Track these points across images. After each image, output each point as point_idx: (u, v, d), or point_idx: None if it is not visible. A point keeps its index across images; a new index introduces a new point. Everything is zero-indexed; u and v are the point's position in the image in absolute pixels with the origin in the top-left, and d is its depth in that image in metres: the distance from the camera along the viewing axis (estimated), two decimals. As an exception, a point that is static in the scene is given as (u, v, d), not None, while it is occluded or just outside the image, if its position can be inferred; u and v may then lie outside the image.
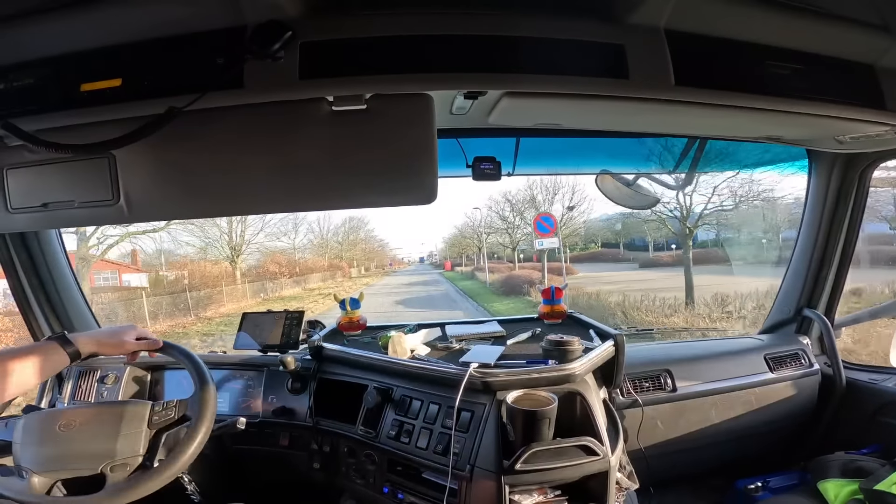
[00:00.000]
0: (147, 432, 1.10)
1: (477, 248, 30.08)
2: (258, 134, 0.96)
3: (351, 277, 29.41)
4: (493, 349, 1.43)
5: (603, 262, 24.86)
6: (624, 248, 26.35)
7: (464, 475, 1.18)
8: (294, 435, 1.51)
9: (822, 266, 1.96)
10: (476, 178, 1.48)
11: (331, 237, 30.09)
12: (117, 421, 1.10)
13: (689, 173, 1.84)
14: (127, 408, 1.13)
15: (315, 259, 28.03)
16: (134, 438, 1.08)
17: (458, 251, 36.75)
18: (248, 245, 20.81)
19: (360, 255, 34.01)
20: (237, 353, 1.67)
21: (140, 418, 1.11)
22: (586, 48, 0.93)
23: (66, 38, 0.89)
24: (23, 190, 1.01)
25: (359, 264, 34.40)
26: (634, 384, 1.71)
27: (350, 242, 31.46)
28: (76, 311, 1.86)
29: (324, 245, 29.31)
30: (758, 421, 1.81)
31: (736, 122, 1.25)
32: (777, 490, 1.68)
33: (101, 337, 1.18)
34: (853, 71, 1.07)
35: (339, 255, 30.50)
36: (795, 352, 1.91)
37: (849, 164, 1.81)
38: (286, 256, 25.05)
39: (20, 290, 1.73)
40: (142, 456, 1.07)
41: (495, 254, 29.36)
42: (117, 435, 1.08)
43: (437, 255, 45.20)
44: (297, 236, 25.95)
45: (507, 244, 25.62)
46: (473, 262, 32.37)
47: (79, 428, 1.09)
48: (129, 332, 1.22)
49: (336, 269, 29.07)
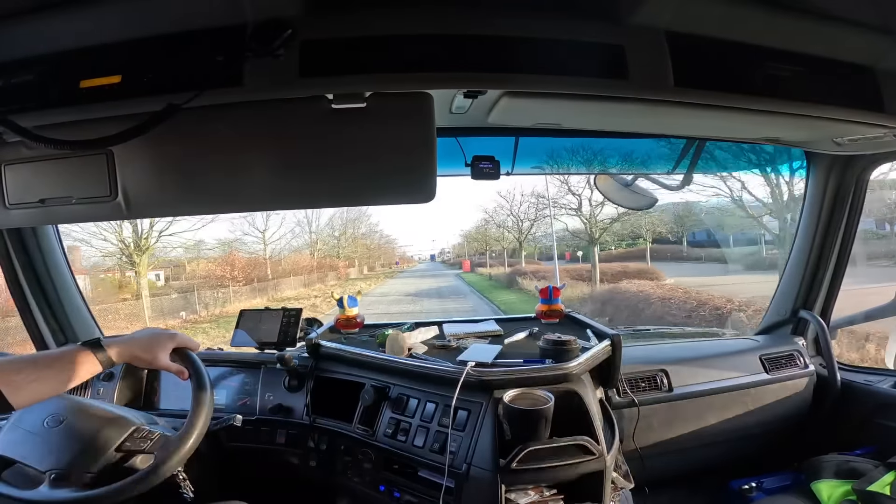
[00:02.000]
0: (111, 454, 1.08)
1: (517, 242, 24.45)
2: (257, 131, 0.96)
3: (349, 279, 25.68)
4: (491, 348, 1.43)
5: (659, 260, 19.47)
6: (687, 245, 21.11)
7: (460, 474, 1.18)
8: (291, 433, 1.51)
9: (818, 267, 1.96)
10: (475, 177, 1.48)
11: (325, 231, 25.70)
12: (92, 433, 1.09)
13: (688, 174, 1.85)
14: (108, 424, 1.12)
15: (297, 258, 23.54)
16: (93, 456, 1.07)
17: (480, 246, 30.67)
18: (157, 239, 14.79)
19: (362, 252, 29.71)
20: (234, 350, 1.67)
21: (113, 439, 1.10)
22: (586, 48, 0.93)
23: (66, 35, 0.88)
24: (20, 186, 1.00)
25: (361, 263, 30.31)
26: (631, 384, 1.71)
27: (349, 237, 27.20)
28: (73, 308, 1.85)
29: (313, 241, 24.81)
30: (753, 421, 1.82)
31: (735, 123, 1.26)
32: (771, 491, 1.69)
33: (136, 348, 1.12)
34: (852, 73, 1.08)
35: (336, 253, 26.45)
36: (791, 353, 1.92)
37: (847, 165, 1.81)
38: (254, 257, 20.46)
39: (17, 287, 1.72)
40: (91, 474, 1.05)
41: (517, 251, 25.27)
42: (81, 446, 1.07)
43: (450, 252, 41.15)
44: (277, 229, 22.14)
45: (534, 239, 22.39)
46: (501, 260, 26.41)
47: (62, 426, 1.10)
48: (167, 345, 1.15)
49: (329, 269, 24.80)
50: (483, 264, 28.85)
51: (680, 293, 10.74)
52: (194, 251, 18.28)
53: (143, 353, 1.13)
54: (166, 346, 1.15)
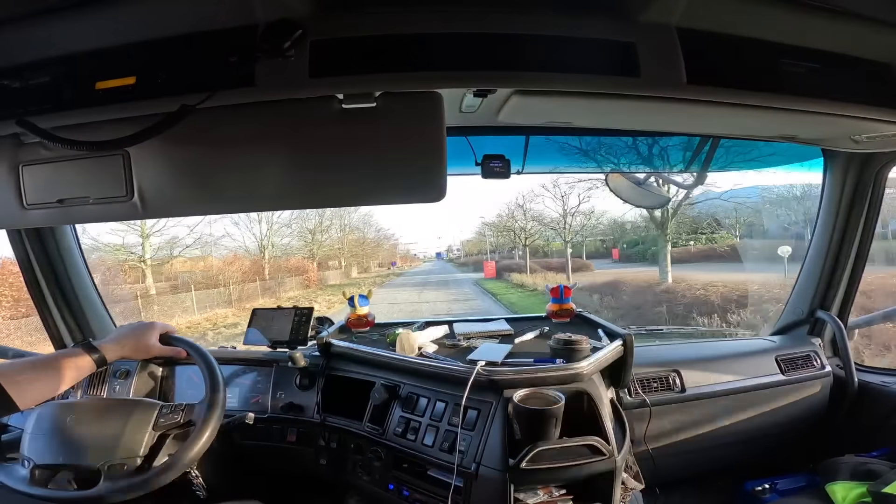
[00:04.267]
0: (151, 434, 1.12)
1: (561, 239, 19.17)
2: (269, 132, 0.96)
3: (326, 286, 19.68)
4: (501, 347, 1.43)
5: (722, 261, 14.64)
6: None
7: (469, 473, 1.18)
8: (301, 431, 1.52)
9: (835, 267, 1.93)
10: (485, 175, 1.48)
11: (295, 224, 20.27)
12: (124, 420, 1.12)
13: (701, 173, 1.83)
14: (135, 408, 1.15)
15: (249, 261, 18.22)
16: (136, 439, 1.10)
17: (506, 241, 24.67)
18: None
19: (351, 249, 24.11)
20: (247, 348, 1.69)
21: (146, 420, 1.13)
22: (597, 46, 0.92)
23: (81, 37, 0.90)
24: (38, 186, 1.02)
25: (350, 263, 24.72)
26: (643, 384, 1.70)
27: (325, 229, 21.72)
28: (91, 307, 1.89)
29: (261, 239, 19.10)
30: (767, 422, 1.80)
31: (749, 121, 1.24)
32: (785, 492, 1.66)
33: (126, 342, 1.19)
34: (870, 70, 1.05)
35: (310, 252, 20.86)
36: (807, 354, 1.89)
37: (864, 163, 1.78)
38: (195, 261, 16.57)
39: (36, 286, 1.75)
40: (140, 458, 1.09)
41: (541, 249, 22.17)
42: (121, 434, 1.10)
43: (459, 250, 35.80)
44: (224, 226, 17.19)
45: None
46: (544, 259, 21.02)
47: (87, 423, 1.12)
48: (153, 333, 1.23)
49: (294, 272, 19.69)
50: (511, 268, 21.06)
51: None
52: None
53: (136, 346, 1.21)
54: (153, 334, 1.24)
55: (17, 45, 0.90)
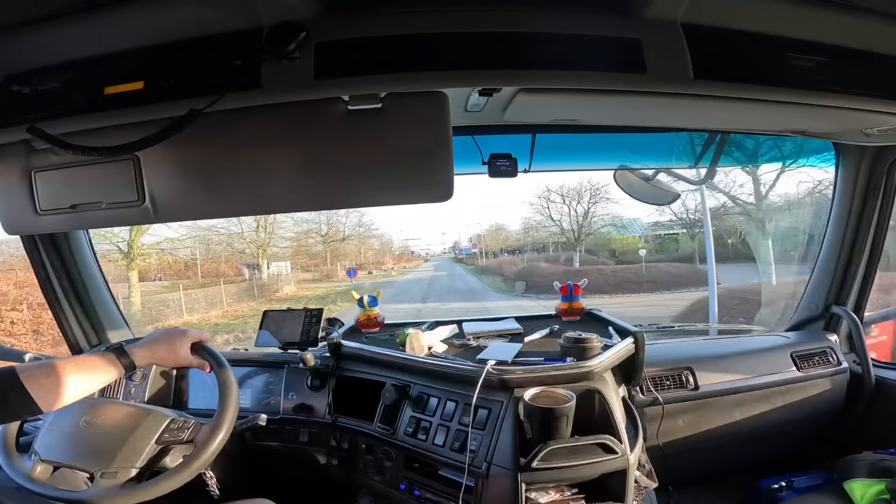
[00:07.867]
0: (152, 447, 1.12)
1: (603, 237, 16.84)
2: (277, 134, 0.97)
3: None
4: (511, 346, 1.42)
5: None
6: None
7: (480, 472, 1.18)
8: (313, 431, 1.53)
9: (850, 262, 1.90)
10: (492, 174, 1.48)
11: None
12: (130, 429, 1.13)
13: (711, 168, 1.81)
14: (145, 418, 1.15)
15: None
16: (137, 449, 1.10)
17: (545, 236, 21.07)
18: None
19: (335, 248, 19.83)
20: (259, 350, 1.70)
21: (152, 432, 1.13)
22: (601, 43, 0.92)
23: (89, 42, 0.91)
24: (51, 192, 1.04)
25: (331, 264, 20.16)
26: (655, 382, 1.68)
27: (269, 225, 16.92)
28: (105, 310, 1.91)
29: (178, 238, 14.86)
30: (783, 420, 1.77)
31: (758, 115, 1.23)
32: (802, 490, 1.64)
33: (158, 348, 1.16)
34: (880, 63, 1.04)
35: (257, 253, 17.15)
36: (823, 350, 1.86)
37: (877, 157, 1.75)
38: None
39: (51, 291, 1.78)
40: (136, 469, 1.09)
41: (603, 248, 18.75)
42: (123, 443, 1.10)
43: (471, 247, 29.40)
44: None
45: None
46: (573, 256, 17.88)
47: (97, 426, 1.13)
48: (185, 341, 1.20)
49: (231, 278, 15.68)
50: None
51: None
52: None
53: (167, 353, 1.17)
54: (185, 342, 1.20)
55: (26, 51, 0.92)
